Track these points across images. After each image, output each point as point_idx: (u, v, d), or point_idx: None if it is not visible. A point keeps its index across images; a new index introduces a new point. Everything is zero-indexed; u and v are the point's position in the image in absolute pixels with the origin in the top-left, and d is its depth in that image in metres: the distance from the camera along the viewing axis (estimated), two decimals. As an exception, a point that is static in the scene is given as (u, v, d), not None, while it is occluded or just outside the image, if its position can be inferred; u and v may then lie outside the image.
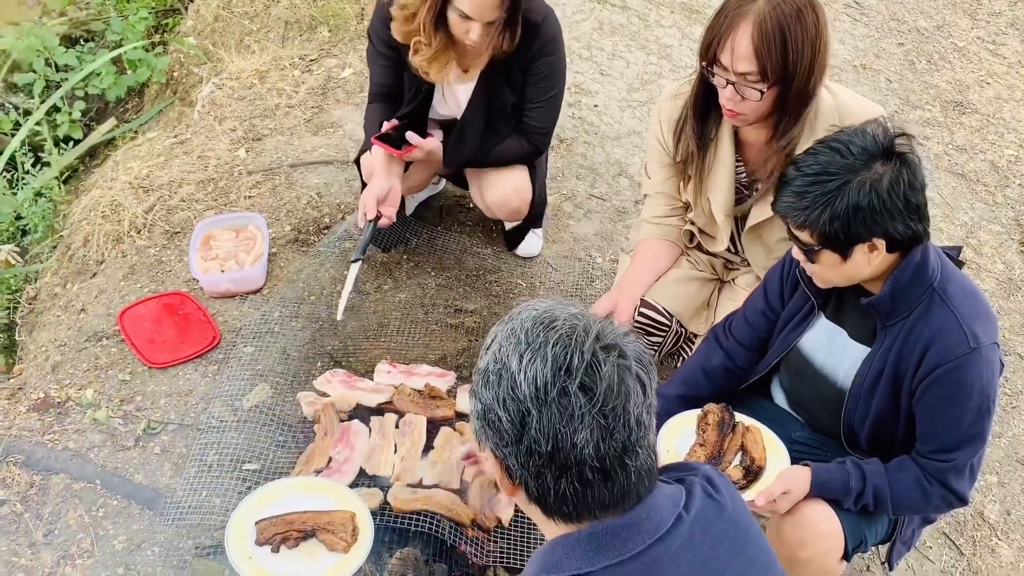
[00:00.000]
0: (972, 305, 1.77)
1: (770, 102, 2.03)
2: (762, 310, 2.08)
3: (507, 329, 1.18)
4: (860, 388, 1.90)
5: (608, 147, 3.63)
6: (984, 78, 4.47)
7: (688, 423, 2.09)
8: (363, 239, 2.56)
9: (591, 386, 1.12)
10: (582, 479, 1.14)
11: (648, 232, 2.47)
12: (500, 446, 1.17)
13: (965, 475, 1.84)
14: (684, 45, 4.21)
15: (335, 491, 2.08)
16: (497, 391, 1.15)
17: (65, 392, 2.50)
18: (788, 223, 1.77)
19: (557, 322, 1.15)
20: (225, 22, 4.18)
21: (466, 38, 2.41)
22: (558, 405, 1.11)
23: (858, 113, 2.11)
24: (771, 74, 1.95)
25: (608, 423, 1.12)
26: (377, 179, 2.57)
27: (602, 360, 1.13)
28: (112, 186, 3.28)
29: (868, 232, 1.68)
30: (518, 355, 1.14)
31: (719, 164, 2.24)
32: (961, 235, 3.57)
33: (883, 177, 1.66)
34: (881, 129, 1.71)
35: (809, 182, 1.70)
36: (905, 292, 1.77)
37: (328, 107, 3.68)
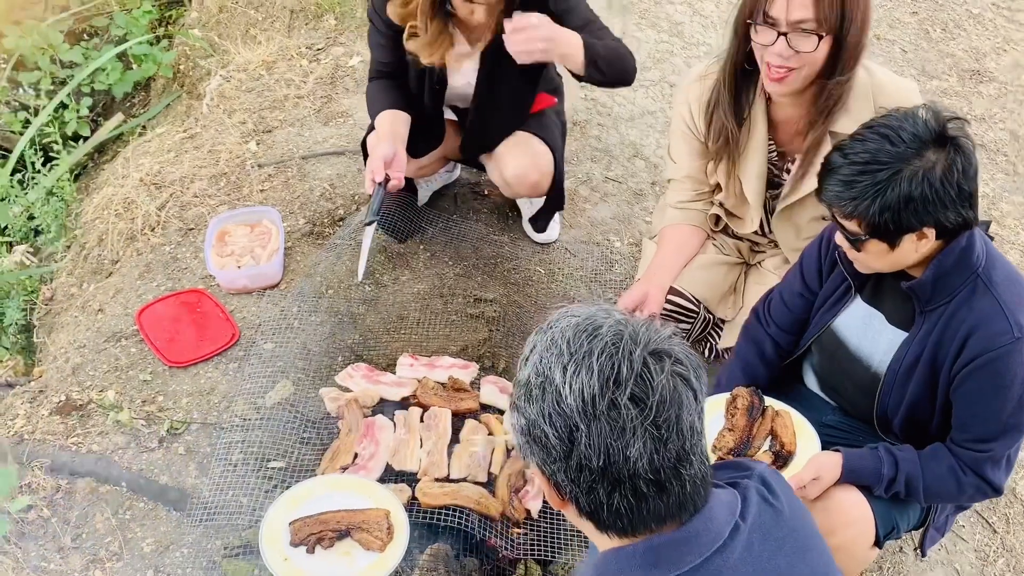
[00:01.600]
0: (1017, 293, 1.73)
1: (822, 59, 1.96)
2: (800, 292, 2.05)
3: (547, 339, 1.13)
4: (896, 373, 1.87)
5: (622, 128, 3.58)
6: (1001, 45, 4.39)
7: (716, 408, 2.06)
8: (374, 202, 2.51)
9: (642, 397, 1.07)
10: (636, 493, 1.10)
11: (673, 217, 2.44)
12: (548, 462, 1.13)
13: (1002, 465, 1.81)
14: (695, 21, 4.14)
15: (368, 488, 2.06)
16: (542, 405, 1.10)
17: (87, 394, 2.49)
18: (834, 212, 1.71)
19: (601, 330, 1.10)
20: (230, 13, 4.13)
21: (472, 19, 2.37)
22: (608, 418, 1.07)
23: (891, 88, 2.06)
24: (827, 20, 1.90)
25: (661, 434, 1.08)
26: (382, 143, 2.53)
27: (653, 369, 1.08)
28: (124, 183, 3.25)
29: (919, 222, 1.63)
30: (561, 366, 1.09)
31: (752, 144, 2.19)
32: (984, 206, 3.51)
33: (936, 165, 1.60)
34: (932, 114, 1.64)
35: (858, 171, 1.63)
36: (948, 277, 1.72)
37: (337, 96, 3.64)
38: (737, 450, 1.96)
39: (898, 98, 1.98)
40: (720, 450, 1.97)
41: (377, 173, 2.48)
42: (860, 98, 2.04)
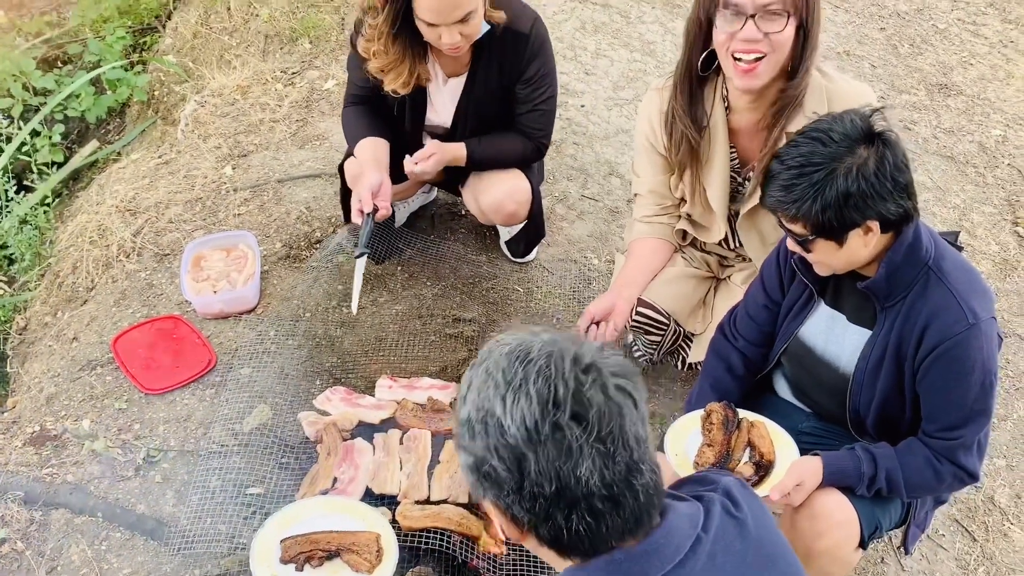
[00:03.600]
0: (968, 281, 1.78)
1: (790, 39, 2.00)
2: (764, 304, 2.07)
3: (481, 372, 1.11)
4: (863, 372, 1.90)
5: (597, 147, 3.61)
6: (967, 59, 4.48)
7: (693, 424, 2.07)
8: (364, 233, 2.49)
9: (582, 414, 1.06)
10: (592, 511, 1.08)
11: (640, 231, 2.46)
12: (501, 496, 1.10)
13: (973, 451, 1.84)
14: (667, 40, 4.19)
15: (359, 511, 2.04)
16: (487, 441, 1.08)
17: (61, 424, 2.46)
18: (779, 216, 1.76)
19: (532, 353, 1.09)
20: (204, 39, 4.14)
21: (441, 45, 2.37)
22: (553, 442, 1.05)
23: (848, 95, 2.10)
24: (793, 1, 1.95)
25: (608, 448, 1.07)
26: (367, 172, 2.53)
27: (588, 384, 1.07)
28: (98, 210, 3.23)
29: (861, 216, 1.68)
30: (500, 398, 1.07)
31: (714, 152, 2.22)
32: (954, 218, 3.56)
33: (868, 160, 1.66)
34: (857, 114, 1.70)
35: (795, 174, 1.69)
36: (900, 272, 1.77)
37: (313, 120, 3.64)
38: (718, 464, 1.96)
39: (853, 101, 2.01)
40: (702, 466, 1.97)
41: (365, 203, 2.47)
42: (816, 101, 2.08)
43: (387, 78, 2.49)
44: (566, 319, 2.90)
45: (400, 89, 2.51)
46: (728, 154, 2.22)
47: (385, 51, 2.43)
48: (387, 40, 2.41)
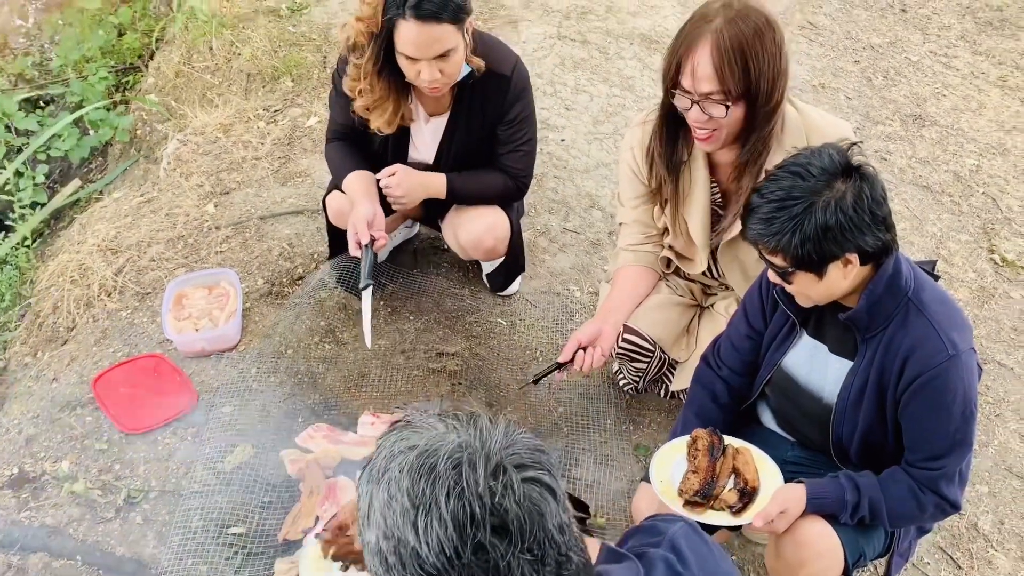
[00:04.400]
0: (947, 312, 1.80)
1: (738, 119, 2.04)
2: (746, 333, 2.09)
3: (383, 494, 1.01)
4: (846, 402, 1.91)
5: (578, 180, 3.64)
6: (940, 90, 4.56)
7: (678, 452, 2.07)
8: (365, 265, 2.48)
9: (503, 527, 0.97)
10: None
11: (626, 259, 2.48)
12: None
13: (955, 481, 1.85)
14: (645, 76, 4.25)
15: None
16: (403, 573, 0.98)
17: (40, 466, 2.44)
18: (760, 249, 1.79)
19: (437, 467, 0.99)
20: (187, 78, 4.17)
21: (420, 81, 2.37)
22: (478, 563, 0.96)
23: (825, 129, 2.14)
24: (734, 90, 1.97)
25: (536, 553, 0.98)
26: (361, 204, 2.53)
27: (501, 493, 0.98)
28: (80, 249, 3.22)
29: (840, 249, 1.70)
30: (410, 524, 0.97)
31: (695, 186, 2.25)
32: (931, 246, 3.61)
33: (846, 194, 1.68)
34: (835, 148, 1.74)
35: (775, 208, 1.71)
36: (881, 304, 1.79)
37: (295, 157, 3.66)
38: (703, 491, 1.97)
39: (830, 134, 2.05)
40: (687, 493, 1.98)
41: (362, 235, 2.47)
42: (793, 136, 2.12)
43: (372, 116, 2.50)
44: (548, 352, 2.90)
45: (384, 128, 2.53)
46: (708, 188, 2.26)
47: (371, 89, 2.45)
48: (372, 78, 2.43)
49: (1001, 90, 4.61)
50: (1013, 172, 4.06)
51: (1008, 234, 3.72)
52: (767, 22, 1.97)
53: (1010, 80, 4.68)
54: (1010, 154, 4.17)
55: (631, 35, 4.52)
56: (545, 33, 4.46)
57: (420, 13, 2.23)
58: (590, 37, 4.47)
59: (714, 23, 1.95)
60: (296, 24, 4.40)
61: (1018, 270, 3.55)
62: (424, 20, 2.24)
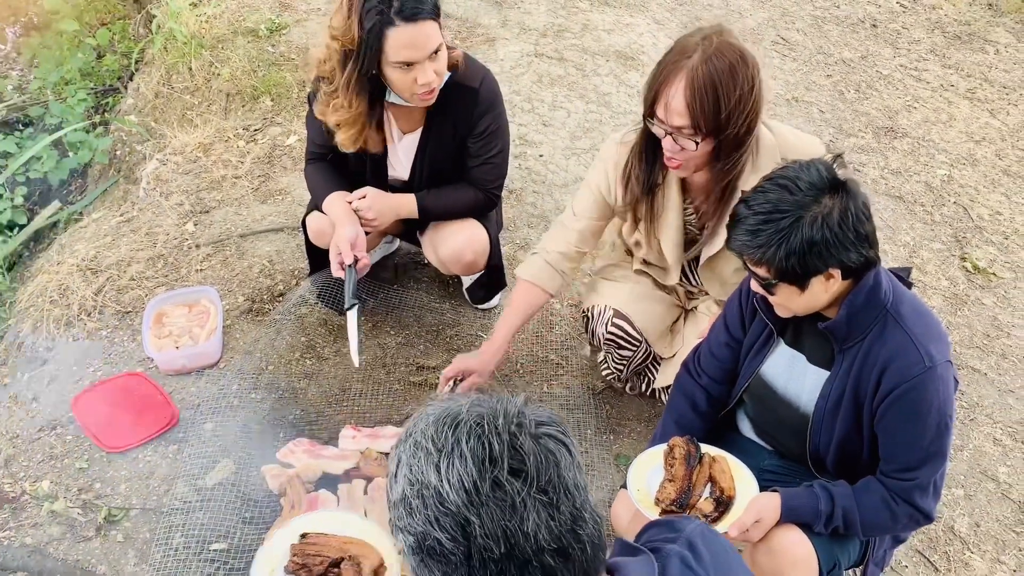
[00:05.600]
0: (925, 325, 1.82)
1: (706, 153, 2.09)
2: (725, 341, 2.11)
3: (409, 446, 1.07)
4: (823, 412, 1.93)
5: (556, 195, 3.68)
6: (911, 103, 4.65)
7: (655, 460, 2.10)
8: (349, 286, 2.51)
9: (520, 467, 1.02)
10: (545, 570, 1.03)
11: (534, 271, 2.48)
12: (449, 573, 1.04)
13: (929, 492, 1.87)
14: (621, 92, 4.31)
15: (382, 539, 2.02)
16: (425, 513, 1.03)
17: (20, 486, 2.43)
18: (744, 259, 1.81)
19: (460, 416, 1.06)
20: (166, 98, 4.18)
21: (416, 89, 2.38)
22: (495, 500, 1.01)
23: (798, 146, 2.18)
24: (704, 127, 2.02)
25: (551, 498, 1.03)
26: (342, 226, 2.55)
27: (520, 436, 1.04)
28: (59, 270, 3.22)
29: (824, 264, 1.72)
30: (433, 466, 1.03)
31: (668, 207, 2.29)
32: (904, 255, 3.67)
33: (833, 210, 1.71)
34: (823, 164, 1.76)
35: (762, 220, 1.73)
36: (860, 315, 1.81)
37: (275, 175, 3.68)
38: (679, 500, 1.98)
39: (804, 154, 2.10)
40: (663, 502, 1.99)
41: (346, 256, 2.50)
42: (767, 157, 2.16)
43: (339, 131, 2.52)
44: (529, 363, 2.93)
45: (348, 145, 2.55)
46: (681, 208, 2.30)
47: (348, 105, 2.45)
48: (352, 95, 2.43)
49: (970, 102, 4.70)
50: (983, 182, 4.14)
51: (979, 242, 3.78)
52: (742, 59, 2.01)
53: (979, 92, 4.78)
54: (980, 164, 4.25)
55: (607, 52, 4.59)
56: (522, 51, 4.51)
57: (406, 15, 2.27)
58: (567, 55, 4.53)
59: (692, 59, 1.99)
60: (275, 44, 4.43)
61: (989, 277, 3.61)
62: (412, 20, 2.28)
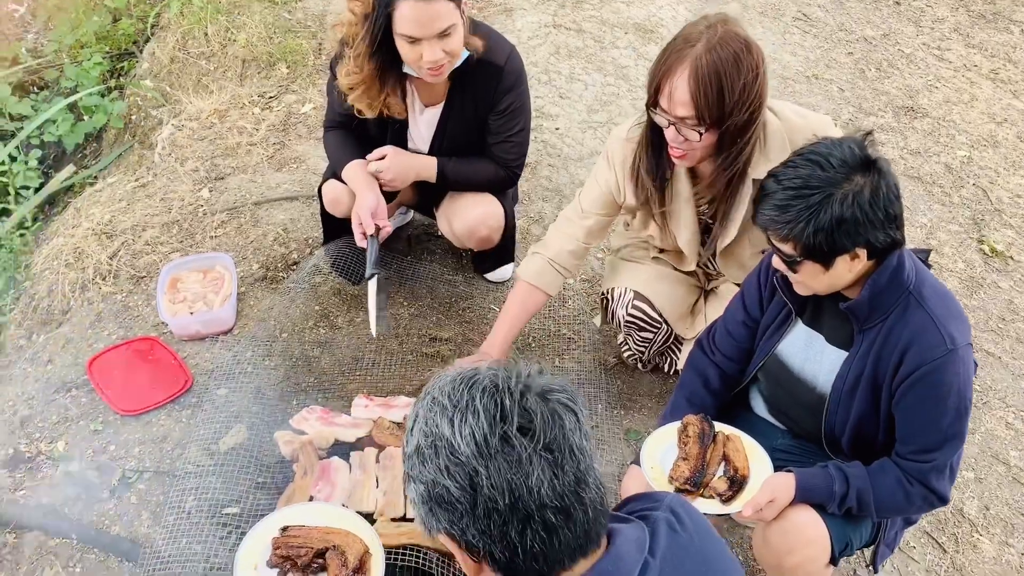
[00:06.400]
0: (946, 307, 1.81)
1: (710, 144, 2.07)
2: (742, 320, 2.10)
3: (427, 401, 1.14)
4: (840, 392, 1.92)
5: (572, 168, 3.66)
6: (932, 83, 4.59)
7: (668, 437, 2.09)
8: (371, 255, 2.52)
9: (528, 425, 1.09)
10: (547, 526, 1.09)
11: (532, 270, 2.46)
12: (455, 521, 1.11)
13: (945, 475, 1.87)
14: (640, 65, 4.27)
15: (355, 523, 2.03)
16: (437, 463, 1.10)
17: (36, 446, 2.45)
18: (770, 235, 1.78)
19: (477, 377, 1.13)
20: (182, 63, 4.16)
21: (422, 64, 2.35)
22: (503, 454, 1.08)
23: (804, 126, 2.15)
24: (708, 118, 1.99)
25: (555, 456, 1.09)
26: (364, 194, 2.55)
27: (529, 397, 1.11)
28: (74, 233, 3.23)
29: (851, 243, 1.70)
30: (447, 420, 1.10)
31: (678, 199, 2.28)
32: (921, 236, 3.64)
33: (864, 188, 1.68)
34: (855, 141, 1.74)
35: (791, 195, 1.71)
36: (882, 296, 1.79)
37: (290, 143, 3.67)
38: (693, 478, 1.98)
39: (811, 130, 2.08)
40: (677, 480, 1.99)
41: (367, 225, 2.50)
42: (776, 143, 2.13)
43: (354, 96, 2.50)
44: (541, 337, 2.93)
45: (366, 111, 2.53)
46: (692, 200, 2.28)
47: (359, 70, 2.43)
48: (363, 59, 2.41)
49: (993, 83, 4.64)
50: (1003, 164, 4.09)
51: (998, 225, 3.75)
52: (746, 47, 1.98)
53: (1002, 73, 4.71)
54: (1001, 146, 4.20)
55: (626, 24, 4.54)
56: (540, 22, 4.47)
57: None
58: (585, 26, 4.49)
59: (696, 48, 1.96)
60: (291, 11, 4.40)
61: (1007, 260, 3.58)
62: None
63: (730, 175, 2.15)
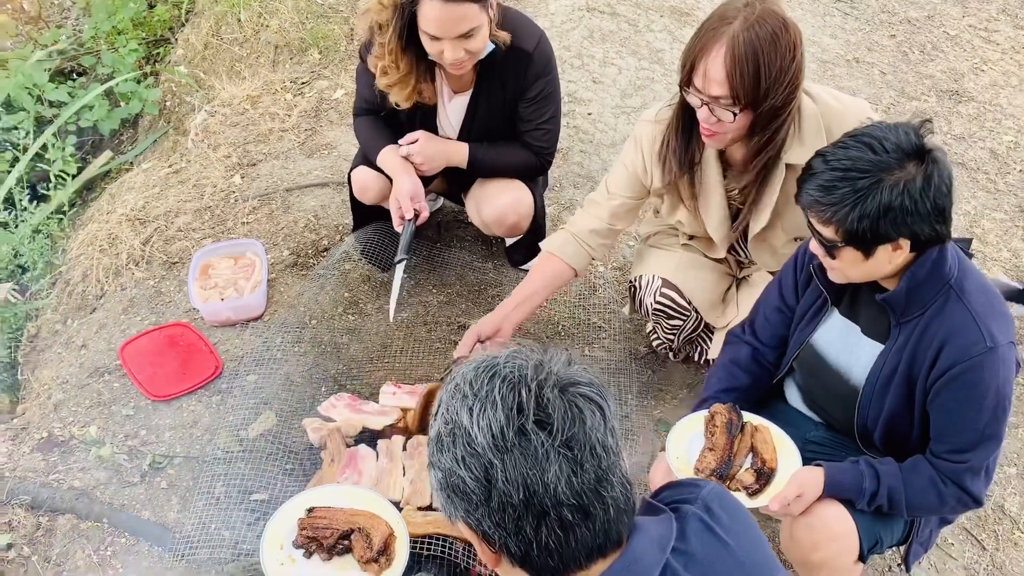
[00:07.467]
0: (989, 303, 1.73)
1: (744, 124, 2.01)
2: (777, 306, 2.06)
3: (451, 388, 1.13)
4: (874, 385, 1.87)
5: (604, 155, 3.61)
6: (978, 65, 4.45)
7: (695, 426, 2.05)
8: (405, 239, 2.52)
9: (545, 419, 1.06)
10: (563, 523, 1.07)
11: (559, 245, 2.42)
12: (471, 511, 1.09)
13: (981, 476, 1.80)
14: (675, 49, 4.19)
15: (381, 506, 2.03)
16: (454, 451, 1.08)
17: (69, 430, 2.48)
18: (811, 217, 1.72)
19: (498, 366, 1.10)
20: (215, 49, 4.18)
21: (444, 60, 2.35)
22: (519, 448, 1.05)
23: (843, 113, 2.09)
24: (743, 98, 1.94)
25: (575, 454, 1.06)
26: (401, 179, 2.55)
27: (547, 392, 1.08)
28: (108, 219, 3.27)
29: (896, 232, 1.64)
30: (467, 409, 1.08)
31: (708, 184, 2.22)
32: (965, 224, 3.54)
33: (916, 177, 1.61)
34: (911, 128, 1.66)
35: (838, 176, 1.64)
36: (921, 289, 1.73)
37: (322, 129, 3.67)
38: (719, 470, 1.95)
39: (851, 119, 2.02)
40: (703, 471, 1.96)
41: (406, 210, 2.50)
42: (811, 127, 2.07)
43: (392, 91, 2.50)
44: (570, 326, 2.90)
45: (402, 103, 2.53)
46: (722, 185, 2.23)
47: (395, 66, 2.43)
48: (396, 55, 2.41)
49: (1042, 65, 4.49)
50: (1052, 150, 3.96)
51: (1045, 213, 3.63)
52: (784, 27, 1.92)
53: (1052, 55, 4.56)
54: (1050, 131, 4.06)
55: (661, 7, 4.46)
56: (573, 4, 4.41)
57: None
58: (619, 9, 4.42)
59: (733, 26, 1.90)
60: (324, -4, 4.39)
61: (1054, 250, 3.47)
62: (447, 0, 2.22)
63: (763, 159, 2.09)
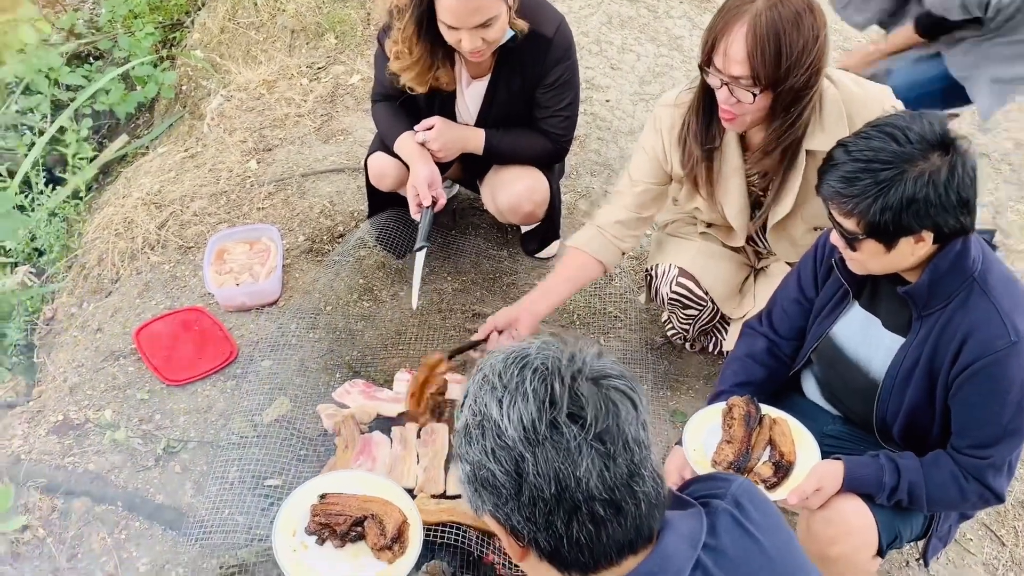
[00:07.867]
0: (1013, 297, 1.70)
1: (763, 107, 1.98)
2: (795, 298, 2.03)
3: (479, 378, 1.10)
4: (894, 379, 1.84)
5: (622, 142, 3.58)
6: (1004, 55, 4.37)
7: (713, 418, 2.03)
8: (424, 226, 2.51)
9: (578, 412, 1.03)
10: (594, 518, 1.04)
11: (586, 240, 2.37)
12: (500, 505, 1.07)
13: (1003, 472, 1.78)
14: (695, 35, 4.14)
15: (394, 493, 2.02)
16: (483, 444, 1.06)
17: (84, 413, 2.49)
18: (832, 208, 1.68)
19: (529, 357, 1.07)
20: (231, 34, 4.16)
21: (462, 48, 2.34)
22: (551, 441, 1.02)
23: (865, 99, 2.05)
24: (764, 79, 1.90)
25: (607, 448, 1.03)
26: (418, 166, 2.54)
27: (581, 384, 1.05)
28: (124, 203, 3.26)
29: (919, 225, 1.61)
30: (496, 400, 1.05)
31: (727, 170, 2.19)
32: (988, 216, 3.48)
33: (940, 169, 1.58)
34: (936, 118, 1.63)
35: (860, 168, 1.61)
36: (943, 282, 1.70)
37: (338, 115, 3.65)
38: (737, 463, 1.93)
39: (873, 105, 1.98)
40: (720, 464, 1.94)
41: (424, 197, 2.50)
42: (833, 113, 2.03)
43: (404, 75, 2.48)
44: (586, 315, 2.87)
45: (417, 87, 2.51)
46: (743, 171, 2.19)
47: (409, 52, 2.42)
48: (411, 42, 2.39)
49: (1069, 55, 4.40)
50: (1078, 141, 3.90)
51: (1070, 205, 3.57)
52: (808, 7, 1.89)
53: (1079, 44, 4.47)
54: (1076, 122, 4.00)
55: (681, -6, 4.41)
56: (592, -9, 4.37)
57: None
58: (638, -5, 4.37)
59: (755, 4, 1.87)
60: (341, -20, 4.36)
61: (1079, 243, 3.42)
62: None
63: (784, 144, 2.06)
